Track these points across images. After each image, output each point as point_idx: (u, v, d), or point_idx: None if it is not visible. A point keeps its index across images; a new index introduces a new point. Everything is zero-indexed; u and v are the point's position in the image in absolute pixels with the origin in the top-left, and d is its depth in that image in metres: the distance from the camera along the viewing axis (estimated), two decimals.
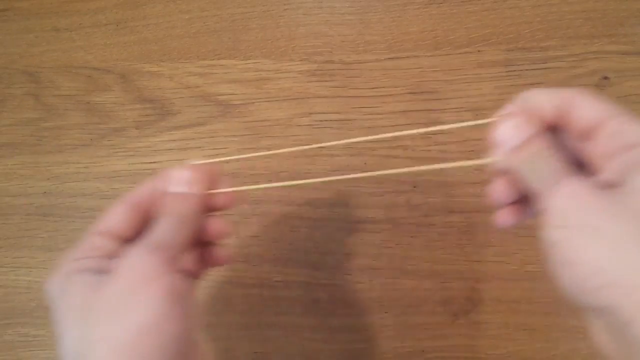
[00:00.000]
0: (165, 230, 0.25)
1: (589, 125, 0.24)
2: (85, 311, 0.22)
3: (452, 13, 0.42)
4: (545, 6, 0.41)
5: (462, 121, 0.39)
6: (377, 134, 0.40)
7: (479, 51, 0.41)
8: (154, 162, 0.41)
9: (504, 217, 0.27)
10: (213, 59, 0.43)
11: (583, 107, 0.25)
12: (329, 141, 0.40)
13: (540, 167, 0.24)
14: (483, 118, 0.40)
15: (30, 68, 0.44)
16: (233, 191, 0.28)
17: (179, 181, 0.27)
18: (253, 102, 0.42)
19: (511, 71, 0.40)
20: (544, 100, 0.25)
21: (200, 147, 0.41)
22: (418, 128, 0.40)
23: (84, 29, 0.45)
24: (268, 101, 0.42)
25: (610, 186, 0.22)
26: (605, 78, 0.39)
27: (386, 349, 0.37)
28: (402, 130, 0.40)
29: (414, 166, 0.39)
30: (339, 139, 0.40)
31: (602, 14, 0.41)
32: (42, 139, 0.43)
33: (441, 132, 0.40)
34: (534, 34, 0.41)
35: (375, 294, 0.38)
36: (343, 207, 0.39)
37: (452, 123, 0.39)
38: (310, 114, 0.41)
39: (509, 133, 0.25)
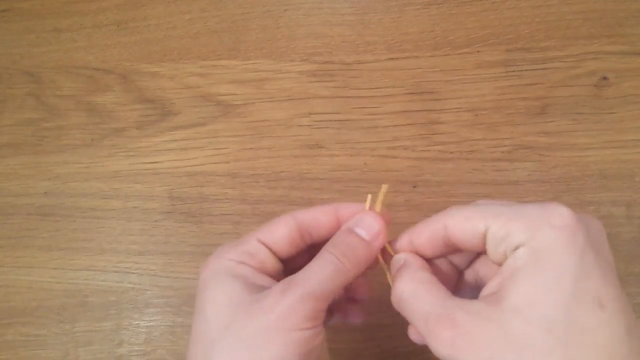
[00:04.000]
0: (327, 277, 0.23)
1: (472, 245, 0.23)
2: (224, 322, 0.23)
3: (451, 14, 0.42)
4: (545, 7, 0.41)
5: (461, 120, 0.40)
6: (377, 134, 0.40)
7: (478, 52, 0.41)
8: (155, 162, 0.41)
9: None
10: (214, 60, 0.43)
11: (456, 236, 0.24)
12: (329, 141, 0.41)
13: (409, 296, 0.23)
14: (482, 118, 0.40)
15: (31, 68, 0.45)
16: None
17: (369, 228, 0.25)
18: (253, 102, 0.42)
19: (510, 71, 0.40)
20: (424, 240, 0.25)
21: (201, 147, 0.41)
22: (418, 128, 0.40)
23: (85, 30, 0.45)
24: (268, 101, 0.42)
25: (494, 302, 0.20)
26: (605, 78, 0.40)
27: (386, 348, 0.37)
28: (402, 131, 0.40)
29: (414, 166, 0.40)
30: (339, 139, 0.40)
31: (601, 14, 0.41)
32: (43, 139, 0.43)
33: (441, 132, 0.40)
34: (533, 34, 0.41)
35: (375, 293, 0.38)
36: None
37: (452, 123, 0.40)
38: (311, 114, 0.41)
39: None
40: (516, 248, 0.21)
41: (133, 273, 0.40)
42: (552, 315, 0.19)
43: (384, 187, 0.25)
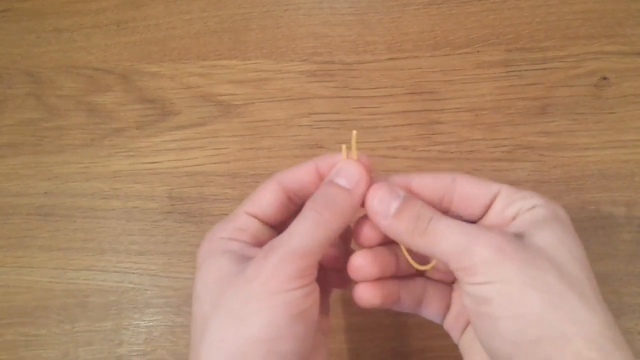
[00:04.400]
0: (306, 232, 0.23)
1: (474, 207, 0.25)
2: (214, 299, 0.22)
3: (451, 14, 0.42)
4: (545, 7, 0.41)
5: (461, 120, 0.40)
6: (377, 134, 0.40)
7: (478, 52, 0.41)
8: (155, 162, 0.41)
9: (367, 293, 0.26)
10: (214, 60, 0.43)
11: (465, 191, 0.25)
12: (329, 141, 0.41)
13: (435, 228, 0.23)
14: (482, 118, 0.40)
15: (31, 68, 0.45)
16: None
17: (349, 176, 0.24)
18: (253, 102, 0.42)
19: (510, 71, 0.40)
20: (426, 186, 0.25)
21: (201, 147, 0.41)
22: (418, 128, 0.40)
23: (85, 30, 0.45)
24: (268, 101, 0.42)
25: (517, 237, 0.22)
26: (604, 78, 0.40)
27: (386, 348, 0.37)
28: (402, 131, 0.40)
29: (414, 166, 0.40)
30: (339, 139, 0.40)
31: (601, 14, 0.41)
32: (43, 139, 0.43)
33: (441, 132, 0.40)
34: (533, 34, 0.41)
35: None
36: None
37: (452, 123, 0.40)
38: (311, 114, 0.41)
39: (380, 204, 0.24)
40: (532, 207, 0.23)
41: (133, 273, 0.40)
42: (577, 252, 0.22)
43: (354, 133, 0.25)
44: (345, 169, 0.25)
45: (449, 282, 0.29)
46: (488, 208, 0.25)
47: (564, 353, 0.19)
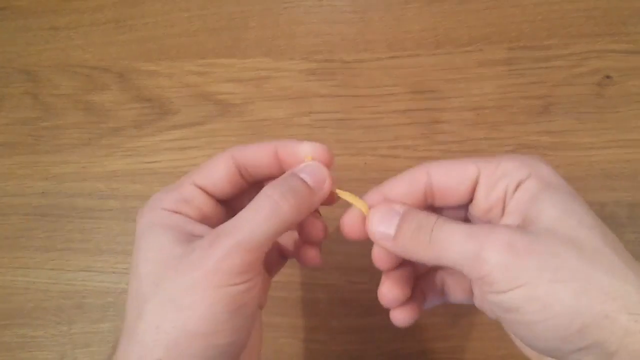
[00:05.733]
0: (260, 223, 0.21)
1: (457, 196, 0.24)
2: (154, 279, 0.21)
3: (453, 12, 0.42)
4: (547, 4, 0.41)
5: (463, 119, 0.39)
6: (378, 133, 0.40)
7: (480, 50, 0.40)
8: (153, 162, 0.41)
9: (402, 316, 0.26)
10: (212, 58, 0.43)
11: (442, 182, 0.24)
12: (329, 141, 0.40)
13: (438, 237, 0.21)
14: (484, 117, 0.40)
15: (28, 67, 0.44)
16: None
17: (314, 175, 0.24)
18: (253, 101, 0.41)
19: (513, 70, 0.40)
20: (401, 192, 0.24)
21: (199, 147, 0.41)
22: (419, 127, 0.40)
23: (82, 28, 0.44)
24: (268, 100, 0.41)
25: (523, 228, 0.21)
26: (608, 77, 0.39)
27: (386, 350, 0.37)
28: (403, 130, 0.40)
29: (414, 166, 0.39)
30: (339, 138, 0.40)
31: (604, 12, 0.40)
32: (40, 139, 0.43)
33: (443, 131, 0.40)
34: (536, 32, 0.40)
35: (376, 294, 0.38)
36: (343, 207, 0.39)
37: (454, 122, 0.39)
38: (310, 113, 0.41)
39: (381, 225, 0.23)
40: (520, 183, 0.22)
41: None
42: (587, 219, 0.21)
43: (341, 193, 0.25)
44: (312, 168, 0.24)
45: None
46: (472, 192, 0.24)
47: (612, 332, 0.18)
